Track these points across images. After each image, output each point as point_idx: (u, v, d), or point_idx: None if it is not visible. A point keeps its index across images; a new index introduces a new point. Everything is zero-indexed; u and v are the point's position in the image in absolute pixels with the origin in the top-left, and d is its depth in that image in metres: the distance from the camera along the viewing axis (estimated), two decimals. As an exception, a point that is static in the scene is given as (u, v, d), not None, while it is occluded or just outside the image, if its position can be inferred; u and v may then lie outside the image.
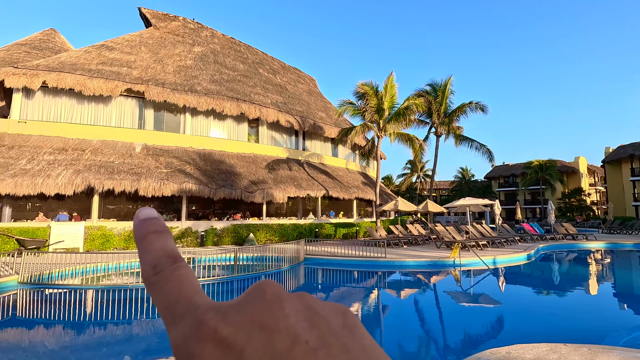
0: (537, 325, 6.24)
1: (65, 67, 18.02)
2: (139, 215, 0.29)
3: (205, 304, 0.23)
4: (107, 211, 17.83)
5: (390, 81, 20.81)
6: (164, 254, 0.26)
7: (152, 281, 0.24)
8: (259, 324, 0.21)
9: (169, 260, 0.25)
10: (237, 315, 0.22)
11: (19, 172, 14.13)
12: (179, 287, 0.24)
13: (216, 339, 0.21)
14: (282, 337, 0.21)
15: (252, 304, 0.23)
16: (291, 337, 0.21)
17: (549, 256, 15.47)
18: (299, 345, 0.20)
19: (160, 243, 0.27)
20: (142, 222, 0.28)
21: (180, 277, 0.25)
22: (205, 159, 19.35)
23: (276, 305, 0.22)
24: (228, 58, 26.67)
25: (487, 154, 25.54)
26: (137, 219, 0.28)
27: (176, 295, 0.24)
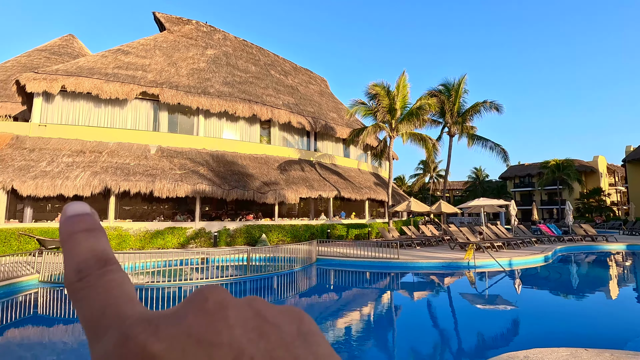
0: (556, 329, 6.09)
1: (83, 71, 18.49)
2: (67, 211, 0.24)
3: (135, 314, 0.20)
4: (123, 212, 18.21)
5: (402, 81, 20.67)
6: (92, 256, 0.22)
7: (75, 288, 0.21)
8: (197, 338, 0.18)
9: (98, 264, 0.22)
10: (172, 328, 0.19)
11: (39, 174, 14.55)
12: (105, 295, 0.21)
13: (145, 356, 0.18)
14: (223, 353, 0.18)
15: (191, 315, 0.20)
16: (234, 353, 0.18)
17: (567, 258, 15.08)
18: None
19: (89, 243, 0.23)
20: (69, 219, 0.24)
21: (108, 283, 0.21)
22: (218, 161, 19.57)
23: (219, 315, 0.20)
24: (240, 60, 26.92)
25: (502, 153, 25.09)
26: (64, 216, 0.24)
27: (102, 304, 0.20)
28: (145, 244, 15.44)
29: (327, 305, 8.66)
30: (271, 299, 9.16)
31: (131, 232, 15.51)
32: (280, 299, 9.09)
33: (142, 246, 15.35)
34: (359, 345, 5.70)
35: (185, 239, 16.33)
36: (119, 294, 0.21)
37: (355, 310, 8.16)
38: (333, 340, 5.88)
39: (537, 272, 11.91)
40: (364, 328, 6.63)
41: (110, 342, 0.19)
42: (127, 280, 0.22)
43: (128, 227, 15.64)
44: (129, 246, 15.14)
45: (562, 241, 18.38)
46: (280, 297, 9.27)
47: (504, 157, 25.17)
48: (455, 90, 24.92)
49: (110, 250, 0.23)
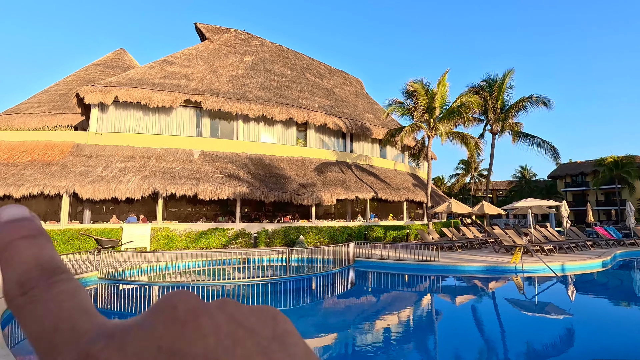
0: (615, 341, 5.62)
1: (133, 82, 19.84)
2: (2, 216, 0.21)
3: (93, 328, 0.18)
4: (169, 214, 19.28)
5: (443, 79, 20.11)
6: (36, 265, 0.19)
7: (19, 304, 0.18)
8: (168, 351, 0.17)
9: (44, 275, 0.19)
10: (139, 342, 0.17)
11: (96, 178, 15.81)
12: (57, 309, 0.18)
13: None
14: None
15: (160, 325, 0.18)
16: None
17: (628, 263, 13.82)
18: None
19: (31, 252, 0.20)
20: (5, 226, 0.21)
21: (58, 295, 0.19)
22: (257, 164, 20.13)
23: (191, 325, 0.18)
24: (276, 65, 27.53)
25: (551, 151, 23.53)
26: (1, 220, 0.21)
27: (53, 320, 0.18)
28: (190, 244, 16.23)
29: (366, 307, 8.61)
30: (311, 299, 9.28)
31: (177, 232, 16.38)
32: (319, 299, 9.18)
33: (187, 246, 16.16)
34: (397, 350, 5.62)
35: (227, 239, 16.96)
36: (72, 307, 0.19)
37: (394, 314, 8.05)
38: (371, 343, 5.85)
39: (594, 278, 11.03)
40: (403, 332, 6.52)
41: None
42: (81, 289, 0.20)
43: (175, 228, 16.53)
44: (175, 246, 15.99)
45: (623, 245, 16.87)
46: (319, 297, 9.35)
47: (553, 154, 23.59)
48: (498, 85, 23.76)
49: (58, 257, 0.21)
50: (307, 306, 8.49)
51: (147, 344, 0.17)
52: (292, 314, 7.74)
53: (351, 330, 6.70)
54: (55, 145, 17.77)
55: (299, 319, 7.48)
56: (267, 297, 9.00)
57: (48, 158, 16.77)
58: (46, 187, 14.86)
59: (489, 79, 24.54)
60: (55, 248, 0.21)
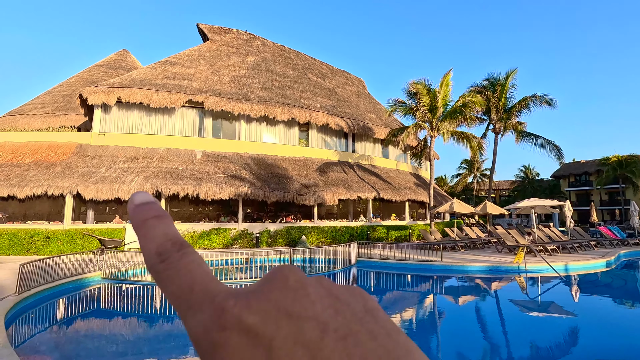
0: (619, 342, 5.59)
1: (136, 83, 19.91)
2: (134, 200, 0.26)
3: (223, 291, 0.22)
4: (172, 214, 19.34)
5: (446, 78, 20.04)
6: (168, 240, 0.24)
7: (159, 269, 0.23)
8: (286, 312, 0.20)
9: (175, 247, 0.24)
10: (261, 303, 0.20)
11: (99, 179, 15.88)
12: (190, 274, 0.22)
13: (242, 327, 0.19)
14: (311, 326, 0.19)
15: (276, 291, 0.21)
16: (320, 326, 0.20)
17: (632, 263, 13.73)
18: (329, 334, 0.19)
19: (162, 228, 0.25)
20: (140, 207, 0.26)
21: (190, 264, 0.23)
22: (259, 164, 20.15)
23: (301, 292, 0.21)
24: (278, 65, 27.55)
25: (555, 150, 23.39)
26: (133, 204, 0.26)
27: (189, 283, 0.22)
28: (193, 244, 16.26)
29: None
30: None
31: (180, 232, 16.36)
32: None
33: (189, 246, 16.17)
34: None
35: (230, 239, 16.98)
36: (202, 273, 0.23)
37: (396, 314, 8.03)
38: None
39: (598, 278, 10.96)
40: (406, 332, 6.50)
41: (206, 314, 0.20)
42: (203, 261, 0.24)
43: (178, 228, 16.38)
44: (178, 246, 16.01)
45: (627, 245, 16.77)
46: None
47: (557, 154, 23.45)
48: (501, 85, 23.67)
49: (179, 234, 0.25)
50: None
51: (268, 305, 0.20)
52: (294, 314, 7.74)
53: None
54: (59, 146, 17.86)
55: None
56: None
57: (52, 159, 16.86)
58: (50, 187, 14.94)
59: (491, 78, 24.44)
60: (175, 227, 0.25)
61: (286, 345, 0.19)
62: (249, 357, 0.18)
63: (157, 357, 5.15)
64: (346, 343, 0.19)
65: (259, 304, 0.20)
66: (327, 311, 0.21)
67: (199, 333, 0.20)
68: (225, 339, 0.19)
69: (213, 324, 0.20)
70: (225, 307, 0.20)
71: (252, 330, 0.19)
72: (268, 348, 0.18)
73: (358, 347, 0.19)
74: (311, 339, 0.19)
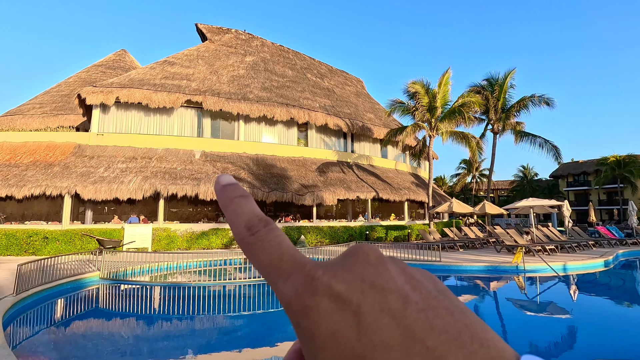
0: (617, 341, 5.60)
1: (134, 83, 19.88)
2: (221, 181, 0.29)
3: (309, 261, 0.24)
4: (171, 214, 19.31)
5: (445, 78, 20.04)
6: (255, 216, 0.27)
7: (250, 241, 0.25)
8: (370, 283, 0.22)
9: (261, 223, 0.26)
10: (346, 274, 0.23)
11: (98, 179, 15.85)
12: (278, 246, 0.25)
13: (331, 294, 0.21)
14: (394, 297, 0.21)
15: (359, 265, 0.23)
16: (402, 297, 0.21)
17: (631, 263, 13.77)
18: (411, 306, 0.21)
19: (248, 206, 0.27)
20: (226, 187, 0.29)
21: (276, 237, 0.25)
22: (258, 164, 20.14)
23: (382, 267, 0.23)
24: (277, 65, 27.55)
25: (553, 150, 23.42)
26: (219, 185, 0.29)
27: (278, 253, 0.24)
28: (192, 244, 16.24)
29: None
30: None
31: (179, 233, 16.39)
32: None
33: (188, 246, 16.17)
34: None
35: (229, 239, 16.96)
36: (288, 245, 0.25)
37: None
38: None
39: (596, 278, 10.99)
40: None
41: (298, 281, 0.23)
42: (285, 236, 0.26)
43: (176, 229, 16.54)
44: (176, 246, 16.01)
45: (625, 245, 16.81)
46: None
47: (555, 154, 23.48)
48: (500, 85, 23.69)
49: (262, 212, 0.28)
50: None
51: (353, 276, 0.22)
52: (293, 314, 7.74)
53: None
54: (57, 146, 17.82)
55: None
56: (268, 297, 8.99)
57: (50, 159, 16.82)
58: (48, 187, 14.90)
59: (490, 78, 24.46)
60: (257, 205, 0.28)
61: (373, 311, 0.20)
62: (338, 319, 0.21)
63: (156, 358, 5.14)
64: (427, 314, 0.21)
65: (345, 274, 0.22)
66: (406, 286, 0.22)
67: (291, 296, 0.22)
68: (317, 302, 0.21)
69: (304, 289, 0.22)
70: (314, 275, 0.22)
71: (340, 296, 0.21)
72: (356, 312, 0.20)
73: (438, 319, 0.21)
74: (395, 308, 0.21)
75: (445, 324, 0.21)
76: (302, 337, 0.22)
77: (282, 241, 0.25)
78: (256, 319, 7.21)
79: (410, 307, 0.21)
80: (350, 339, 0.20)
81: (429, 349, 0.19)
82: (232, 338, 6.12)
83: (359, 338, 0.20)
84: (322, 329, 0.21)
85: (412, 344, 0.19)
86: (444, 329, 0.20)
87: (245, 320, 7.16)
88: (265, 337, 6.06)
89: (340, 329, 0.20)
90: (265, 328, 6.64)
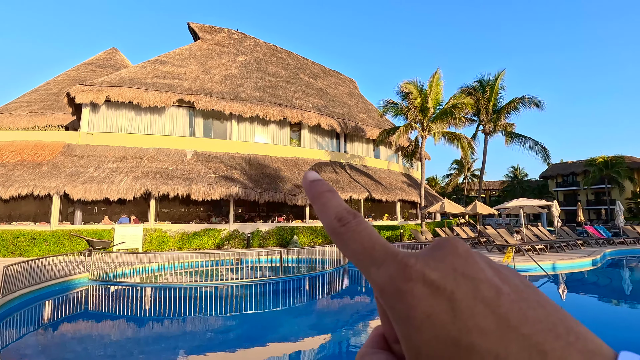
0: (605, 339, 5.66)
1: (125, 82, 19.64)
2: (309, 177, 0.31)
3: (401, 251, 0.25)
4: (162, 214, 19.09)
5: (435, 79, 20.19)
6: (344, 209, 0.28)
7: (341, 231, 0.27)
8: (462, 273, 0.23)
9: (350, 215, 0.28)
10: (438, 263, 0.24)
11: (87, 179, 15.62)
12: (369, 236, 0.26)
13: (425, 280, 0.22)
14: (486, 287, 0.22)
15: (449, 256, 0.24)
16: (494, 288, 0.22)
17: (618, 262, 14.03)
18: (503, 296, 0.22)
19: (336, 200, 0.29)
20: (314, 183, 0.30)
21: (367, 228, 0.27)
22: (251, 164, 20.05)
23: (471, 259, 0.24)
24: (270, 65, 27.47)
25: (542, 152, 23.80)
26: (308, 180, 0.31)
27: (370, 242, 0.26)
28: (183, 244, 16.10)
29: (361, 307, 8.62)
30: (305, 300, 9.25)
31: (170, 233, 16.24)
32: (314, 299, 9.16)
33: (180, 247, 16.03)
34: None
35: (220, 240, 16.86)
36: (378, 236, 0.27)
37: (388, 313, 8.06)
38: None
39: (584, 277, 11.17)
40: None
41: (392, 267, 0.24)
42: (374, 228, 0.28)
43: (167, 229, 16.38)
44: (168, 247, 15.86)
45: (612, 244, 17.12)
46: (314, 298, 9.34)
47: (544, 155, 23.86)
48: (490, 86, 23.99)
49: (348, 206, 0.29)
50: (301, 306, 8.46)
51: (445, 266, 0.23)
52: (286, 314, 7.72)
53: (345, 330, 6.70)
54: (46, 146, 17.52)
55: (293, 319, 7.46)
56: (260, 298, 8.96)
57: (38, 158, 16.52)
58: (36, 187, 14.64)
59: (481, 79, 24.76)
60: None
61: (467, 299, 0.21)
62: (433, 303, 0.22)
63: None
64: (520, 305, 0.21)
65: (436, 264, 0.24)
66: (495, 278, 0.23)
67: (385, 282, 0.24)
68: (411, 288, 0.22)
69: (399, 275, 0.23)
70: (408, 263, 0.24)
71: (435, 283, 0.22)
72: (450, 299, 0.22)
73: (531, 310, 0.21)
74: (489, 297, 0.21)
75: (538, 315, 0.21)
76: (396, 319, 0.23)
77: (372, 232, 0.27)
78: (248, 319, 7.17)
79: (503, 297, 0.22)
80: (445, 322, 0.21)
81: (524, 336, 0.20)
82: (224, 339, 6.08)
83: (454, 322, 0.21)
84: (417, 312, 0.22)
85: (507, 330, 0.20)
86: (538, 319, 0.21)
87: (237, 321, 7.12)
88: (258, 338, 6.03)
89: (435, 312, 0.21)
90: (258, 329, 6.61)
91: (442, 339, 0.21)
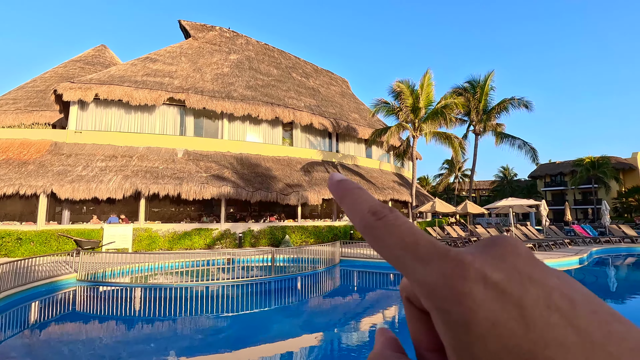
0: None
1: (115, 80, 19.35)
2: (335, 177, 0.30)
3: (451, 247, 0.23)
4: (152, 214, 18.89)
5: (426, 79, 20.33)
6: (378, 203, 0.26)
7: (377, 225, 0.24)
8: (528, 276, 0.20)
9: (386, 209, 0.25)
10: (498, 262, 0.21)
11: (75, 178, 15.35)
12: (411, 230, 0.23)
13: (487, 281, 0.20)
14: (558, 295, 0.19)
15: (510, 256, 0.22)
16: (567, 297, 0.19)
17: (604, 260, 14.33)
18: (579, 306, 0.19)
19: (368, 195, 0.27)
20: (342, 182, 0.29)
21: (407, 222, 0.24)
22: (242, 163, 19.94)
23: (534, 261, 0.22)
24: (262, 64, 27.35)
25: (531, 152, 24.15)
26: (334, 180, 0.29)
27: (412, 237, 0.23)
28: (174, 244, 15.94)
29: (352, 306, 8.65)
30: (297, 299, 9.24)
31: (160, 233, 16.06)
32: (305, 299, 9.16)
33: (170, 247, 15.87)
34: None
35: (212, 240, 16.74)
36: (422, 231, 0.24)
37: (380, 312, 8.12)
38: (357, 342, 5.87)
39: (572, 275, 11.33)
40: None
41: (445, 266, 0.21)
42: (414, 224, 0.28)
43: (157, 229, 16.20)
44: (158, 247, 15.68)
45: (599, 243, 17.47)
46: (305, 297, 9.33)
47: (532, 156, 24.22)
48: (481, 87, 24.25)
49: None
50: (292, 306, 8.45)
51: (507, 266, 0.21)
52: (277, 314, 7.70)
53: (337, 329, 6.72)
54: (32, 144, 17.17)
55: (285, 319, 7.44)
56: (252, 298, 8.92)
57: (24, 157, 16.18)
58: (22, 186, 14.34)
59: (472, 80, 25.01)
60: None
61: (538, 307, 0.19)
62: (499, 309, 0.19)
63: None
64: (599, 318, 0.19)
65: (498, 263, 0.21)
66: (564, 285, 0.20)
67: (437, 281, 0.21)
68: (470, 289, 0.20)
69: (455, 274, 0.20)
70: (464, 260, 0.21)
71: (498, 285, 0.20)
72: (519, 306, 0.19)
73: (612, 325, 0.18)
74: (563, 307, 0.19)
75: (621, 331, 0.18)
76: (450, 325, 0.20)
77: (413, 226, 0.24)
78: (240, 319, 7.13)
79: (580, 308, 0.19)
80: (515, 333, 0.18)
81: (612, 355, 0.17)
82: (215, 339, 6.04)
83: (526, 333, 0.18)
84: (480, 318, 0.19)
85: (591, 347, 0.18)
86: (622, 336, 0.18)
87: (229, 321, 7.08)
88: (249, 338, 6.00)
89: (503, 320, 0.19)
90: (249, 329, 6.58)
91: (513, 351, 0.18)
